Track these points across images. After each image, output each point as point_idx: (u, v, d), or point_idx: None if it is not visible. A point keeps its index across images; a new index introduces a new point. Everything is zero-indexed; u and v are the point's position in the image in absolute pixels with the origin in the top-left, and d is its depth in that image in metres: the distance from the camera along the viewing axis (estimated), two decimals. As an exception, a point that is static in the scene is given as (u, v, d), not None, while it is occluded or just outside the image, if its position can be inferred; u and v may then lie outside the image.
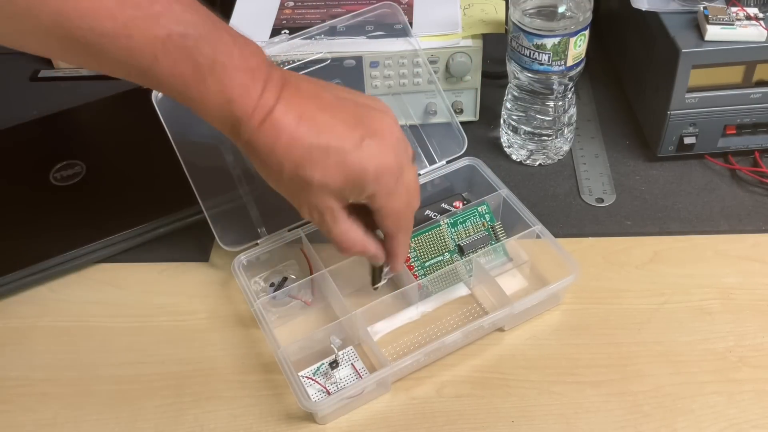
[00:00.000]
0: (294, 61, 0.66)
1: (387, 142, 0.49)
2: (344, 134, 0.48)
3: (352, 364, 0.55)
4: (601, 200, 0.68)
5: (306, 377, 0.54)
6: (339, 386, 0.54)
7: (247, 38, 0.48)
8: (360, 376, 0.54)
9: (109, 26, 0.43)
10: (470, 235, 0.62)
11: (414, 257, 0.61)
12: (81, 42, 0.44)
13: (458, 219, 0.62)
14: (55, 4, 0.42)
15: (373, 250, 0.54)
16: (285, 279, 0.61)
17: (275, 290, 0.59)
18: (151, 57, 0.45)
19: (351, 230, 0.52)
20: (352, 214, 0.52)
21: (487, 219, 0.62)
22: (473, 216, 0.62)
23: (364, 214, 0.52)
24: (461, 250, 0.61)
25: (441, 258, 0.61)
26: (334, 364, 0.55)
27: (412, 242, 0.61)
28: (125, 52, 0.44)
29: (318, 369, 0.55)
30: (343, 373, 0.55)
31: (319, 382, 0.54)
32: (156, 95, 0.60)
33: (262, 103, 0.47)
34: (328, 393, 0.53)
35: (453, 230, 0.62)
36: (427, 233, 0.61)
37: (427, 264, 0.61)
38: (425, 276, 0.59)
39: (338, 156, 0.48)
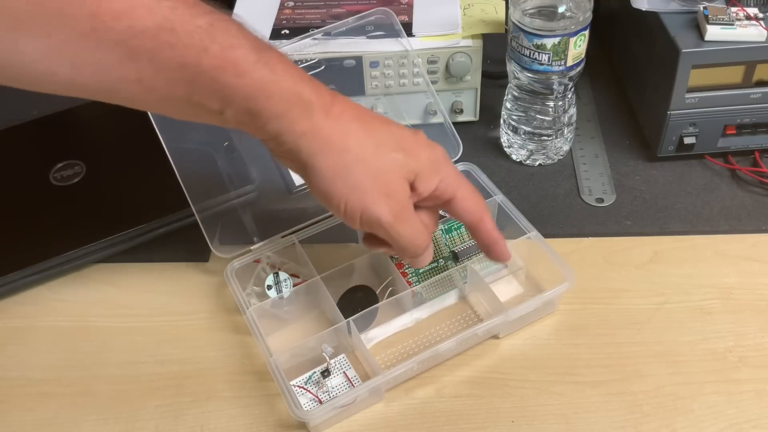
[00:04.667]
0: (295, 62, 0.66)
1: (427, 138, 0.52)
2: (402, 126, 0.50)
3: (344, 372, 0.55)
4: (601, 200, 0.68)
5: (298, 386, 0.54)
6: (331, 395, 0.53)
7: None
8: (352, 385, 0.54)
9: (149, 21, 0.40)
10: (465, 242, 0.61)
11: (408, 264, 0.60)
12: (120, 47, 0.41)
13: (453, 225, 0.62)
14: (89, 5, 0.39)
15: (429, 244, 0.53)
16: (279, 281, 0.61)
17: (272, 290, 0.59)
18: (198, 49, 0.42)
19: (419, 223, 0.51)
20: None
21: None
22: None
23: None
24: (456, 257, 0.61)
25: (435, 264, 0.61)
26: (326, 373, 0.54)
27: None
28: (169, 49, 0.41)
29: (310, 378, 0.54)
30: (335, 381, 0.54)
31: (311, 391, 0.54)
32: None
33: (322, 86, 0.47)
34: (320, 402, 0.53)
35: (447, 236, 0.62)
36: None
37: (421, 270, 0.60)
38: (419, 282, 0.59)
39: (411, 139, 0.50)
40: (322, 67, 0.67)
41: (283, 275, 0.59)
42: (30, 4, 0.39)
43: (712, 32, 0.62)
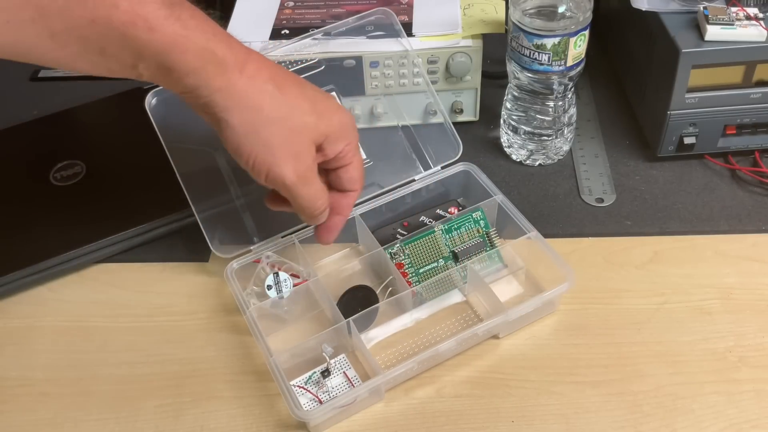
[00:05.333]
0: (295, 62, 0.66)
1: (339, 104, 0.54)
2: (316, 88, 0.51)
3: (344, 372, 0.55)
4: (601, 200, 0.68)
5: (298, 386, 0.54)
6: (331, 395, 0.53)
7: None
8: (352, 385, 0.54)
9: None
10: (465, 242, 0.61)
11: (408, 264, 0.60)
12: (30, 6, 0.42)
13: (453, 225, 0.62)
14: None
15: (327, 206, 0.55)
16: (279, 281, 0.61)
17: (272, 290, 0.59)
18: (108, 4, 0.43)
19: (320, 185, 0.53)
20: None
21: (482, 225, 0.62)
22: (468, 222, 0.62)
23: None
24: (456, 257, 0.61)
25: (435, 264, 0.61)
26: (325, 373, 0.54)
27: (405, 248, 0.61)
28: (79, 5, 0.42)
29: (310, 378, 0.54)
30: (335, 381, 0.54)
31: (311, 391, 0.54)
32: (150, 102, 0.60)
33: (238, 44, 0.47)
34: (320, 402, 0.53)
35: (447, 236, 0.62)
36: (421, 239, 0.61)
37: (421, 270, 0.60)
38: (419, 282, 0.59)
39: (327, 102, 0.51)
40: (322, 67, 0.67)
41: (283, 275, 0.59)
42: None
43: (712, 32, 0.62)
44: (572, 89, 0.68)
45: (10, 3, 0.41)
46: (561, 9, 0.64)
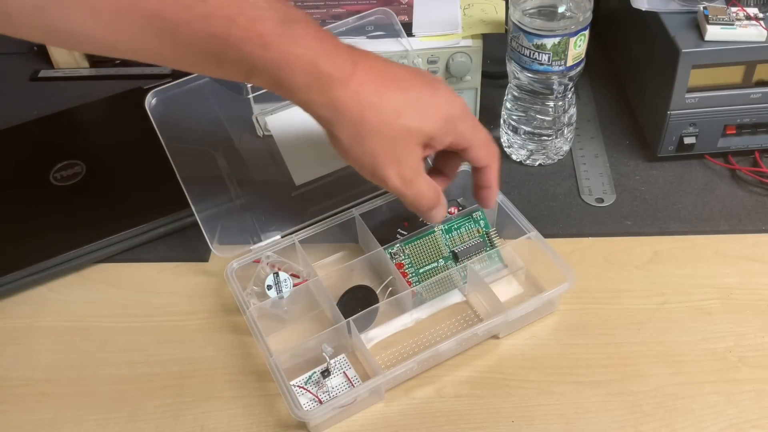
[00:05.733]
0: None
1: (450, 90, 0.54)
2: (423, 84, 0.52)
3: (344, 372, 0.55)
4: (601, 200, 0.68)
5: (298, 386, 0.54)
6: (331, 395, 0.53)
7: None
8: (352, 385, 0.54)
9: None
10: (465, 242, 0.61)
11: (408, 264, 0.60)
12: (157, 18, 0.43)
13: (453, 225, 0.62)
14: None
15: (443, 200, 0.56)
16: (279, 281, 0.61)
17: (272, 290, 0.59)
18: (228, 20, 0.44)
19: (430, 181, 0.54)
20: None
21: (482, 225, 0.62)
22: (468, 222, 0.62)
23: None
24: (456, 257, 0.61)
25: (435, 264, 0.61)
26: (325, 373, 0.54)
27: (405, 248, 0.61)
28: (202, 20, 0.44)
29: (310, 378, 0.54)
30: (335, 381, 0.54)
31: (311, 391, 0.54)
32: (150, 102, 0.60)
33: (345, 56, 0.48)
34: (320, 402, 0.53)
35: (447, 237, 0.62)
36: (421, 239, 0.61)
37: (421, 270, 0.60)
38: (419, 282, 0.59)
39: (431, 100, 0.51)
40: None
41: (283, 275, 0.59)
42: None
43: (712, 32, 0.62)
44: (572, 89, 0.68)
45: (141, 14, 0.43)
46: (561, 9, 0.64)
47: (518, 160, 0.72)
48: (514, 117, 0.70)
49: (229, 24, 0.44)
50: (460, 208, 0.63)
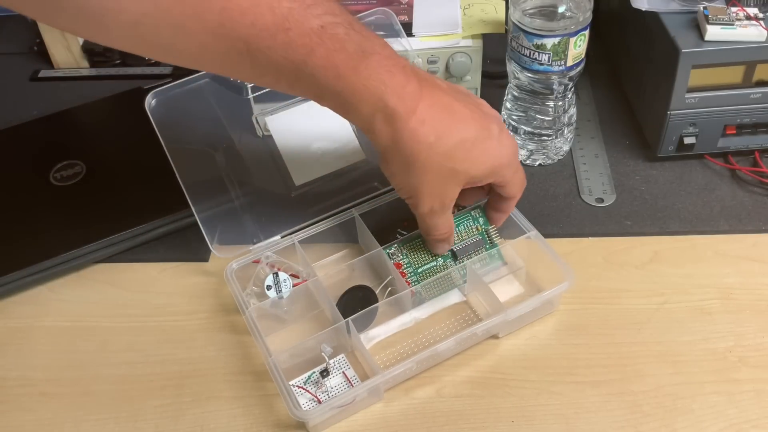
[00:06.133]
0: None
1: (505, 132, 0.55)
2: (481, 127, 0.53)
3: (343, 372, 0.55)
4: (601, 200, 0.68)
5: (297, 386, 0.54)
6: (330, 395, 0.53)
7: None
8: (351, 385, 0.54)
9: (270, 20, 0.45)
10: (463, 240, 0.61)
11: (407, 263, 0.60)
12: (241, 41, 0.45)
13: None
14: (219, 2, 0.44)
15: (453, 239, 0.59)
16: (279, 282, 0.61)
17: (272, 290, 0.59)
18: (308, 49, 0.46)
19: (450, 218, 0.57)
20: None
21: (481, 223, 0.62)
22: (466, 220, 0.62)
23: None
24: (455, 256, 0.61)
25: (434, 263, 0.60)
26: (324, 373, 0.54)
27: (403, 248, 0.61)
28: (283, 48, 0.46)
29: (309, 378, 0.54)
30: (334, 381, 0.54)
31: (310, 391, 0.54)
32: (149, 102, 0.60)
33: (412, 92, 0.49)
34: (319, 402, 0.53)
35: None
36: (419, 239, 0.61)
37: (420, 270, 0.60)
38: (418, 282, 0.59)
39: (483, 146, 0.53)
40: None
41: (282, 275, 0.59)
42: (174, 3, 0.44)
43: (712, 32, 0.62)
44: (572, 89, 0.68)
45: (228, 36, 0.45)
46: (561, 9, 0.64)
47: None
48: (514, 117, 0.70)
49: (309, 53, 0.46)
50: (460, 208, 0.63)
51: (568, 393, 0.54)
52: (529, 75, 0.66)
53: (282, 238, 0.62)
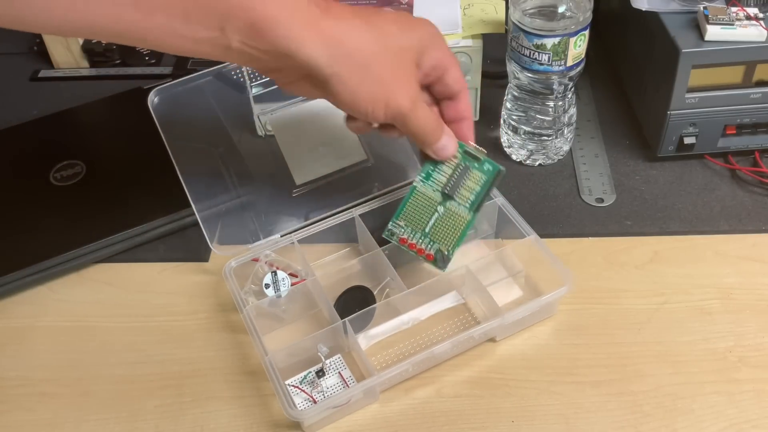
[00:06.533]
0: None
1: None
2: (393, 11, 0.52)
3: (339, 372, 0.55)
4: (601, 200, 0.68)
5: (292, 386, 0.54)
6: (326, 395, 0.53)
7: None
8: (347, 385, 0.54)
9: None
10: (450, 177, 0.57)
11: (411, 232, 0.58)
12: None
13: (428, 170, 0.58)
14: None
15: (448, 129, 0.55)
16: (277, 280, 0.60)
17: (270, 289, 0.59)
18: None
19: (431, 111, 0.53)
20: None
21: (458, 153, 0.57)
22: (440, 163, 0.58)
23: None
24: (448, 197, 0.57)
25: (437, 215, 0.57)
26: (320, 373, 0.54)
27: (399, 222, 0.58)
28: None
29: (305, 378, 0.54)
30: (330, 381, 0.54)
31: (305, 390, 0.54)
32: (152, 100, 0.60)
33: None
34: (314, 402, 0.53)
35: (429, 183, 0.58)
36: (409, 202, 0.58)
37: (427, 230, 0.57)
38: (433, 244, 0.57)
39: (410, 20, 0.51)
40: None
41: (281, 274, 0.59)
42: None
43: (712, 32, 0.62)
44: (572, 89, 0.68)
45: None
46: (561, 9, 0.64)
47: (518, 160, 0.72)
48: (514, 117, 0.70)
49: None
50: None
51: (568, 393, 0.54)
52: (529, 75, 0.66)
53: (281, 237, 0.62)
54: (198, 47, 0.45)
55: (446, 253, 0.57)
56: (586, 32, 0.63)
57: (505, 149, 0.73)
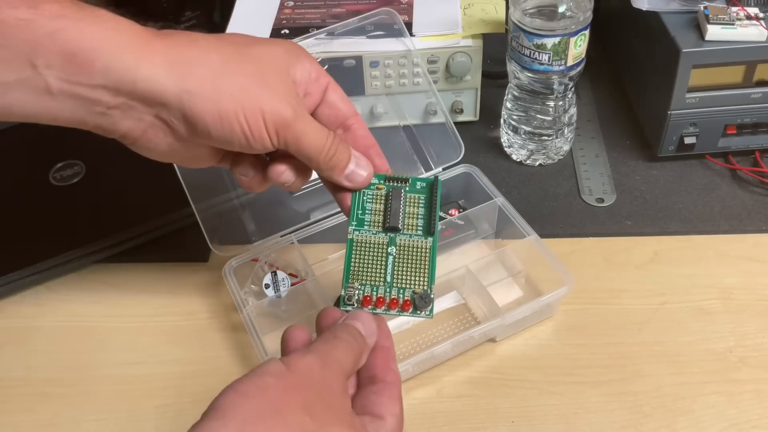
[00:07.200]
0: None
1: None
2: (233, 34, 0.45)
3: None
4: (602, 200, 0.68)
5: None
6: None
7: None
8: None
9: None
10: (385, 213, 0.48)
11: (370, 289, 0.46)
12: None
13: (356, 216, 0.49)
14: None
15: (353, 150, 0.47)
16: (277, 281, 0.60)
17: (270, 289, 0.59)
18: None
19: (318, 123, 0.44)
20: None
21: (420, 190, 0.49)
22: (369, 189, 0.49)
23: None
24: (393, 229, 0.47)
25: (391, 257, 0.47)
26: None
27: (353, 282, 0.47)
28: None
29: None
30: None
31: None
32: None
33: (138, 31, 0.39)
34: None
35: (365, 229, 0.49)
36: (352, 258, 0.47)
37: (389, 278, 0.46)
38: (403, 290, 0.46)
39: (250, 38, 0.44)
40: (325, 67, 0.67)
41: (281, 274, 0.59)
42: None
43: (713, 32, 0.62)
44: (572, 89, 0.68)
45: None
46: (561, 9, 0.64)
47: (518, 160, 0.72)
48: (514, 117, 0.70)
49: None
50: (461, 210, 0.63)
51: (569, 393, 0.54)
52: (530, 75, 0.66)
53: (281, 237, 0.62)
54: (9, 97, 0.38)
55: (422, 292, 0.46)
56: (587, 32, 0.63)
57: (505, 149, 0.73)
